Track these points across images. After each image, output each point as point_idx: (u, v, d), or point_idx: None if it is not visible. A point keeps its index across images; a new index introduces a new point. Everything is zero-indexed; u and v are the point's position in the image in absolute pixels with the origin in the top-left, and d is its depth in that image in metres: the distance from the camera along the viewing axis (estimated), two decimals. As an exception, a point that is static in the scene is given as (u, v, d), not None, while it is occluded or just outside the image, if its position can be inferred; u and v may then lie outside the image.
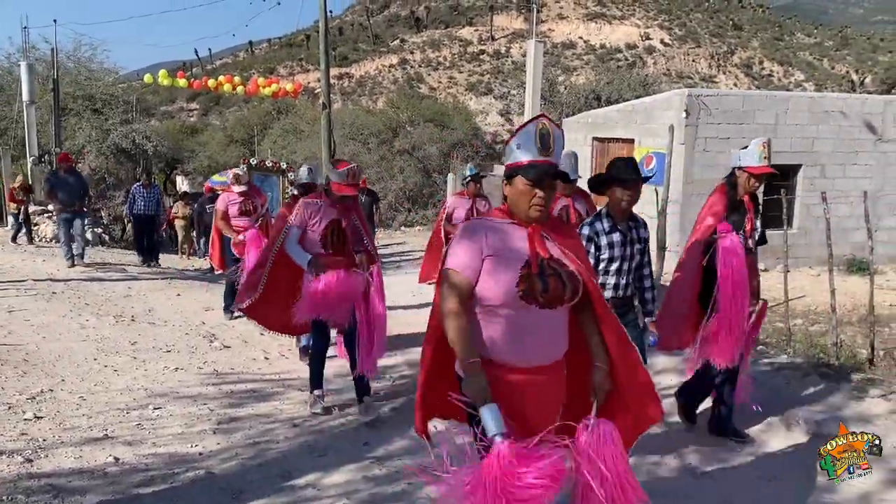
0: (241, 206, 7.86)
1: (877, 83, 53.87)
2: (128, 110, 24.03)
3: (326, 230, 4.99)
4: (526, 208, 2.54)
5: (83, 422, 4.69)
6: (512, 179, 2.58)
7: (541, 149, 2.51)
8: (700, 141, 11.80)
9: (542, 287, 2.50)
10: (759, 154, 4.31)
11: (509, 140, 2.62)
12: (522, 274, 2.50)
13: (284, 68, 66.12)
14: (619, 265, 4.05)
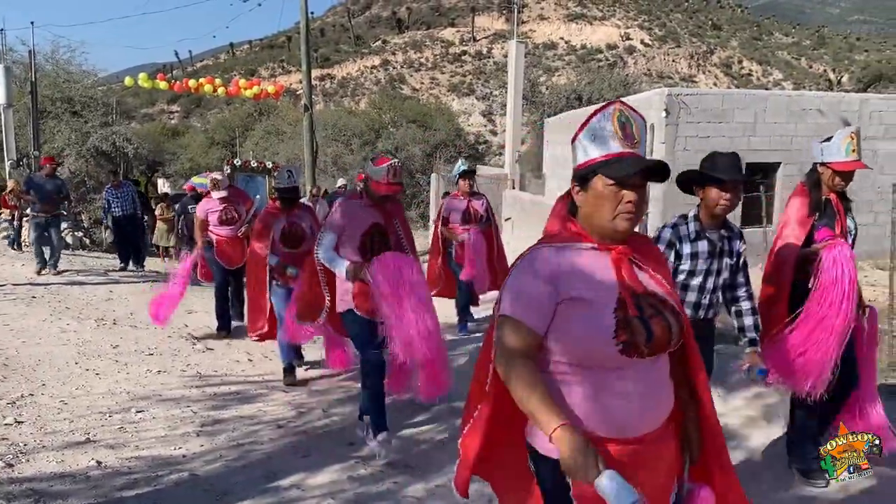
0: (222, 215, 7.32)
1: (853, 82, 54.54)
2: (107, 113, 23.86)
3: (366, 236, 4.33)
4: (609, 218, 1.92)
5: (65, 426, 4.65)
6: (586, 183, 1.98)
7: (623, 138, 1.95)
8: (680, 140, 11.88)
9: (646, 334, 1.88)
10: (845, 147, 3.76)
11: (577, 135, 2.05)
12: (619, 319, 1.87)
13: (266, 70, 65.87)
14: (702, 281, 3.47)
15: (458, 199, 7.52)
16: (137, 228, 12.36)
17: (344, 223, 4.32)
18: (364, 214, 4.35)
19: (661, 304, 1.95)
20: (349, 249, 4.32)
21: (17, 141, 18.01)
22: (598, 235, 1.98)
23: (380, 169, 4.23)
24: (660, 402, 1.97)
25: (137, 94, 50.22)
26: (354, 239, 4.31)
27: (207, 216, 7.35)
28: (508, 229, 13.35)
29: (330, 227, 4.36)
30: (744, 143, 12.32)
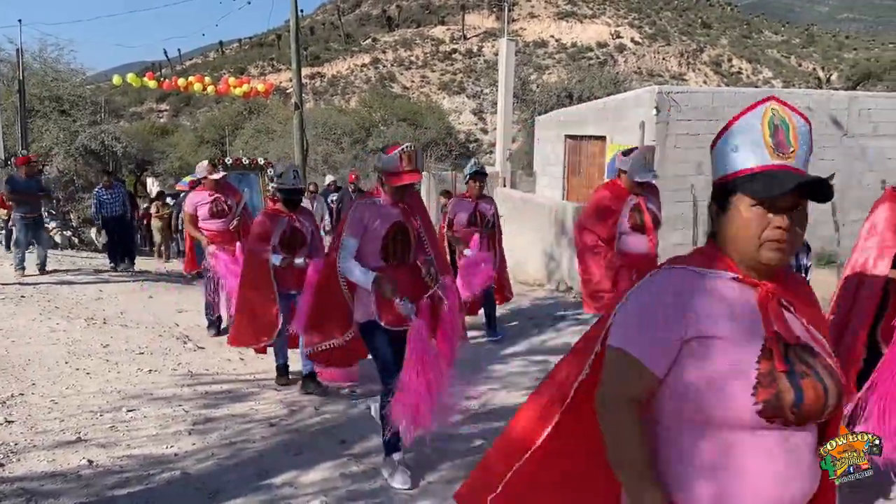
0: (213, 207, 7.00)
1: (842, 80, 54.85)
2: (96, 111, 23.75)
3: (387, 238, 3.85)
4: (754, 247, 1.55)
5: (55, 425, 4.63)
6: (728, 200, 1.60)
7: (774, 146, 1.57)
8: (671, 137, 11.92)
9: (795, 396, 1.49)
10: None
11: (716, 140, 1.66)
12: (762, 372, 1.48)
13: (255, 68, 65.64)
14: None
15: (466, 201, 7.18)
16: (127, 229, 12.23)
17: (365, 225, 3.82)
18: (384, 214, 3.85)
19: (816, 361, 1.55)
20: (369, 255, 3.86)
21: (4, 140, 17.93)
22: (742, 265, 1.60)
23: (392, 157, 3.75)
24: (801, 484, 1.54)
25: (126, 93, 49.94)
26: (375, 242, 3.84)
27: (196, 210, 7.04)
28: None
29: (350, 230, 3.83)
30: (734, 140, 12.37)
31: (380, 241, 3.83)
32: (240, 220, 7.09)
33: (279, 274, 5.46)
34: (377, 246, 3.84)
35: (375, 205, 3.88)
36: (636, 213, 5.27)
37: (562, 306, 8.61)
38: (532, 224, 10.80)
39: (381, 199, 3.90)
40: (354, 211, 3.88)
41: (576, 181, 14.77)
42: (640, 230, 5.33)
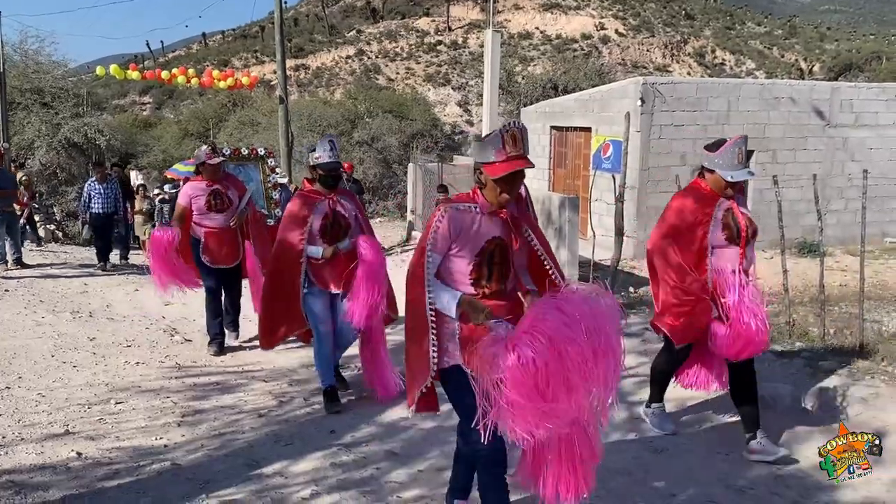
0: (211, 200, 6.09)
1: (824, 70, 55.25)
2: (78, 104, 23.51)
3: (482, 255, 2.95)
4: None
5: (43, 418, 4.62)
6: None
7: None
8: (655, 128, 11.99)
9: None
10: None
11: None
12: None
13: (239, 60, 65.17)
14: None
15: None
16: (119, 226, 11.61)
17: (453, 238, 2.94)
18: (480, 224, 2.95)
19: None
20: (454, 277, 2.99)
21: (-15, 133, 17.71)
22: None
23: (490, 142, 2.85)
24: None
25: (108, 85, 49.53)
26: (464, 261, 2.95)
27: (191, 203, 6.11)
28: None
29: (434, 243, 2.95)
30: (717, 130, 12.45)
31: (471, 260, 2.95)
32: (242, 215, 6.20)
33: (316, 270, 4.82)
34: (466, 267, 2.96)
35: (471, 211, 2.95)
36: (731, 219, 4.06)
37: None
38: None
39: (478, 203, 2.97)
40: (442, 219, 2.94)
41: (561, 172, 14.82)
42: (735, 241, 4.06)
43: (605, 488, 3.71)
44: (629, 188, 11.22)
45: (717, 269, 4.07)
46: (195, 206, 6.13)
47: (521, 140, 2.82)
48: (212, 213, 6.11)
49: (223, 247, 6.21)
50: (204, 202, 6.11)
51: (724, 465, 4.04)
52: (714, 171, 4.05)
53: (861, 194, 6.13)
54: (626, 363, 5.79)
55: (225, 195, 6.16)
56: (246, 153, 12.33)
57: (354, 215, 4.92)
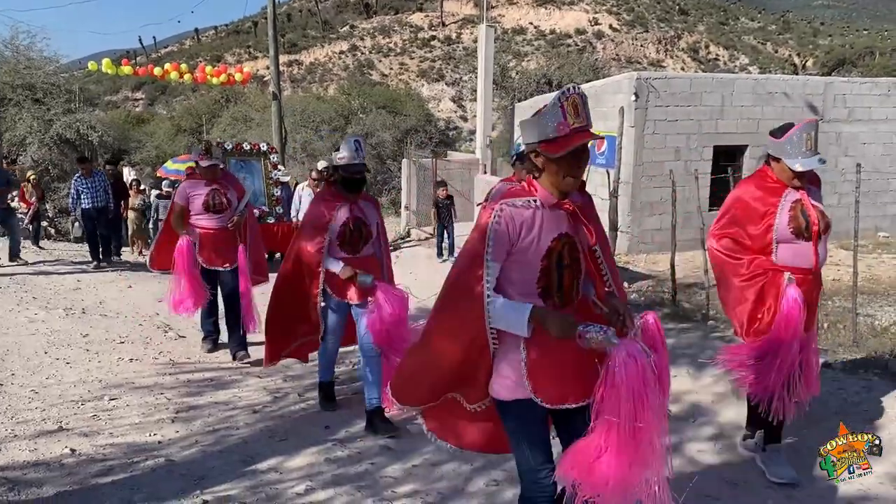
0: (209, 200, 5.86)
1: (818, 66, 55.37)
2: (70, 100, 23.38)
3: (549, 258, 2.42)
4: None
5: (36, 415, 4.60)
6: None
7: None
8: (649, 123, 11.98)
9: None
10: None
11: None
12: None
13: (232, 56, 64.98)
14: None
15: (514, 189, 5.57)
16: (110, 221, 11.30)
17: (514, 241, 2.39)
18: (543, 221, 2.42)
19: None
20: (517, 288, 2.45)
21: (-24, 129, 17.60)
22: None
23: (549, 115, 2.33)
24: None
25: (101, 82, 49.23)
26: (528, 267, 2.41)
27: (189, 202, 5.92)
28: (480, 214, 13.40)
29: (492, 250, 2.38)
30: (711, 126, 12.47)
31: (537, 266, 2.42)
32: (241, 217, 6.00)
33: (334, 279, 4.48)
34: (532, 275, 2.43)
35: (531, 207, 2.43)
36: (799, 212, 3.62)
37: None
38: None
39: (539, 196, 2.43)
40: (498, 217, 2.40)
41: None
42: (803, 236, 3.63)
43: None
44: (623, 183, 11.24)
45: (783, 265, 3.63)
46: (192, 206, 5.89)
47: (583, 108, 2.37)
48: (209, 213, 5.89)
49: (219, 248, 5.95)
50: (202, 202, 5.86)
51: (717, 458, 4.05)
52: (780, 158, 3.64)
53: (854, 189, 6.15)
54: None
55: (224, 196, 5.92)
56: (248, 149, 11.85)
57: (376, 223, 4.60)
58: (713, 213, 11.05)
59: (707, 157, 12.46)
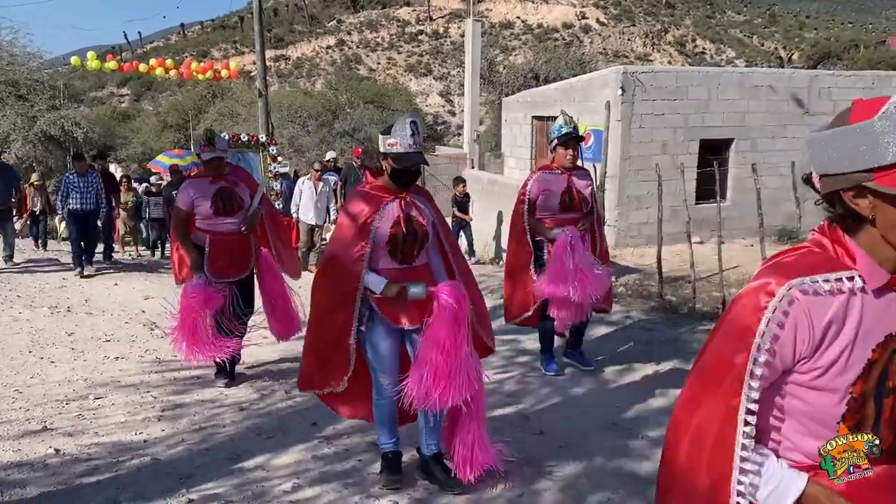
0: (218, 201, 4.97)
1: (803, 59, 55.62)
2: (55, 96, 23.19)
3: (865, 384, 1.51)
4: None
5: (20, 415, 4.57)
6: None
7: None
8: (636, 117, 12.00)
9: None
10: None
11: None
12: None
13: (218, 51, 64.57)
14: None
15: (554, 174, 5.02)
16: (103, 225, 10.70)
17: (805, 355, 1.45)
18: (863, 313, 1.49)
19: None
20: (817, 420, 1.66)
21: (-41, 126, 17.43)
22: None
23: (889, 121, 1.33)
24: None
25: (86, 78, 48.91)
26: (833, 396, 1.50)
27: (193, 205, 5.00)
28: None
29: (764, 369, 1.43)
30: (698, 119, 12.50)
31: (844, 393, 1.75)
32: (256, 218, 5.14)
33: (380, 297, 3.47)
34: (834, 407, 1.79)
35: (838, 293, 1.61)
36: None
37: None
38: (501, 205, 10.83)
39: (851, 270, 1.51)
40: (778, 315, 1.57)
41: (543, 162, 14.82)
42: None
43: (585, 475, 3.73)
44: (610, 177, 11.25)
45: None
46: (199, 210, 4.99)
47: None
48: (219, 216, 5.00)
49: (233, 257, 5.10)
50: (210, 205, 4.96)
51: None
52: None
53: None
54: (607, 351, 5.84)
55: (234, 194, 5.04)
56: (245, 139, 11.16)
57: (432, 222, 3.58)
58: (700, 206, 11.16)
59: (693, 150, 12.50)
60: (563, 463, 3.89)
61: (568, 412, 4.68)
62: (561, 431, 4.33)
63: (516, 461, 3.88)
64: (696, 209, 10.97)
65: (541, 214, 5.08)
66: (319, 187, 10.31)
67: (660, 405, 4.76)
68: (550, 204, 5.03)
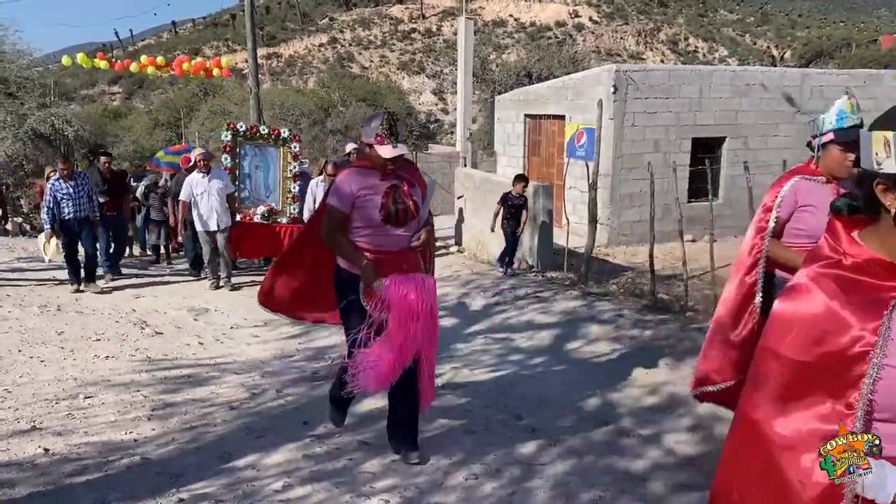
0: (389, 203, 3.62)
1: (795, 58, 55.80)
2: (45, 94, 23.05)
3: None
4: None
5: (9, 414, 4.53)
6: None
7: None
8: (628, 115, 12.02)
9: None
10: None
11: None
12: None
13: (210, 48, 64.30)
14: None
15: (817, 183, 3.32)
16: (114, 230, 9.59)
17: None
18: None
19: None
20: None
21: (-52, 124, 17.32)
22: None
23: None
24: None
25: (76, 75, 48.72)
26: None
27: (355, 205, 3.63)
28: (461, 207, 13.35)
29: None
30: (690, 118, 12.53)
31: None
32: (431, 229, 3.91)
33: None
34: None
35: None
36: None
37: (523, 284, 8.67)
38: (492, 203, 10.82)
39: None
40: None
41: (536, 160, 14.83)
42: None
43: (576, 472, 3.73)
44: (602, 175, 11.26)
45: None
46: (360, 212, 3.62)
47: None
48: (389, 224, 3.62)
49: None
50: (378, 206, 3.59)
51: (694, 449, 4.07)
52: None
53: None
54: (599, 349, 5.84)
55: (408, 195, 3.66)
56: (266, 132, 9.89)
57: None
58: (692, 204, 11.19)
59: (685, 149, 12.54)
60: (553, 461, 3.90)
61: (559, 410, 4.68)
62: (552, 429, 4.33)
63: (507, 460, 3.88)
64: (689, 207, 11.00)
65: (792, 241, 3.31)
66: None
67: (651, 403, 4.76)
68: (811, 224, 3.24)
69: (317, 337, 6.60)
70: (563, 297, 7.49)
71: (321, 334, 6.67)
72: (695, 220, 11.66)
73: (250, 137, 9.78)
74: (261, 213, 9.62)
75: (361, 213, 3.62)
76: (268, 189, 9.95)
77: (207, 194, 8.60)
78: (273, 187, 9.95)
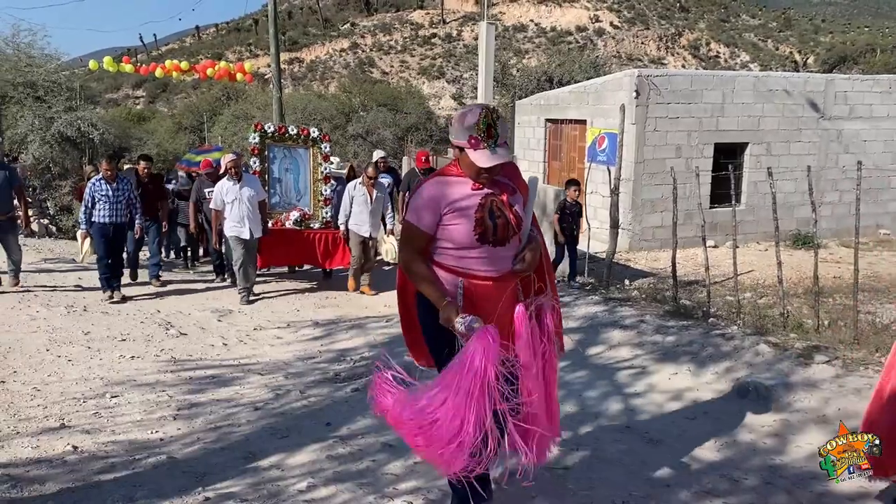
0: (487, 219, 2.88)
1: (819, 63, 55.29)
2: (71, 97, 23.37)
3: None
4: None
5: (38, 412, 4.61)
6: None
7: None
8: (650, 121, 11.99)
9: None
10: None
11: None
12: None
13: (233, 53, 64.94)
14: None
15: None
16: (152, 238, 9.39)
17: None
18: None
19: None
20: None
21: (-22, 127, 17.60)
22: None
23: None
24: None
25: (102, 79, 49.31)
26: None
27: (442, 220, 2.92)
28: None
29: None
30: (712, 123, 12.46)
31: None
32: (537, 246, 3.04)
33: None
34: None
35: None
36: None
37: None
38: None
39: None
40: None
41: (556, 165, 14.82)
42: None
43: (600, 478, 3.73)
44: (624, 181, 11.24)
45: None
46: (449, 232, 2.92)
47: None
48: (486, 244, 2.91)
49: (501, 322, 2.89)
50: (474, 224, 2.89)
51: (717, 455, 4.05)
52: None
53: (855, 186, 6.14)
54: (621, 354, 5.83)
55: (507, 206, 2.95)
56: (295, 133, 9.48)
57: None
58: (714, 210, 11.14)
59: (708, 154, 12.47)
60: (576, 466, 3.90)
61: (581, 415, 4.68)
62: (574, 434, 4.33)
63: (530, 463, 3.88)
64: (711, 213, 10.94)
65: None
66: (374, 194, 8.69)
67: (674, 408, 4.75)
68: None
69: (339, 339, 6.64)
70: (584, 303, 7.48)
71: (342, 336, 6.71)
72: (717, 226, 11.59)
73: (279, 139, 9.40)
74: (293, 219, 9.21)
75: (450, 232, 2.91)
76: (298, 193, 9.58)
77: (238, 202, 8.19)
78: (304, 191, 9.59)
